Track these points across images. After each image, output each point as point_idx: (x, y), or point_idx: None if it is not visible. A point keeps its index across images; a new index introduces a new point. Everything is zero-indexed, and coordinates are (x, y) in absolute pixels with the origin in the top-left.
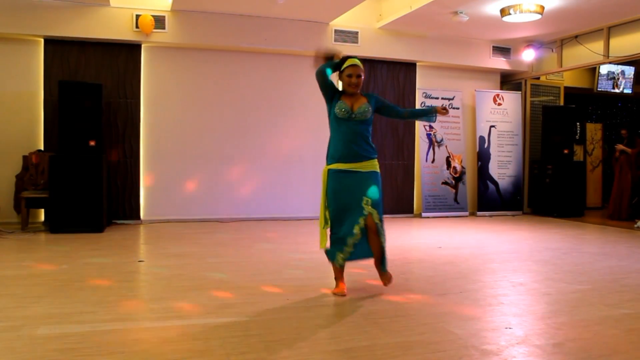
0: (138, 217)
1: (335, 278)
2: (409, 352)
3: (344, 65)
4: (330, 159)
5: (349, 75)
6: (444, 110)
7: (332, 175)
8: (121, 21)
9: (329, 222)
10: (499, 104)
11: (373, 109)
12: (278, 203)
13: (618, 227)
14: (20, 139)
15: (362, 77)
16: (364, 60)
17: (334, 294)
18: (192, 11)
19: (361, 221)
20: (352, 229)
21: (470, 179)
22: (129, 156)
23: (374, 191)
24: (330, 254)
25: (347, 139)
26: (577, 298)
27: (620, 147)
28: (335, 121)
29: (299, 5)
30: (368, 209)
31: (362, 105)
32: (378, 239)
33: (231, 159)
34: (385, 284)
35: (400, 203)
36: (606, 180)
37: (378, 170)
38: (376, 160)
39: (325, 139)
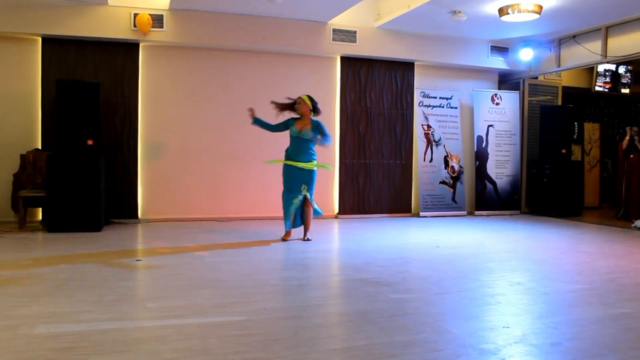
0: (136, 216)
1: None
2: (407, 351)
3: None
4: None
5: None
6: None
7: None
8: (119, 20)
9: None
10: (497, 104)
11: (315, 133)
12: (276, 202)
13: (615, 227)
14: (18, 137)
15: (302, 107)
16: (363, 60)
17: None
18: (190, 10)
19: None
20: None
21: (468, 178)
22: (127, 155)
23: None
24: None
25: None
26: (574, 297)
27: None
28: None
29: (297, 5)
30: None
31: (306, 129)
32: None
33: (229, 158)
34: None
35: (398, 202)
36: (604, 180)
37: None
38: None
39: None
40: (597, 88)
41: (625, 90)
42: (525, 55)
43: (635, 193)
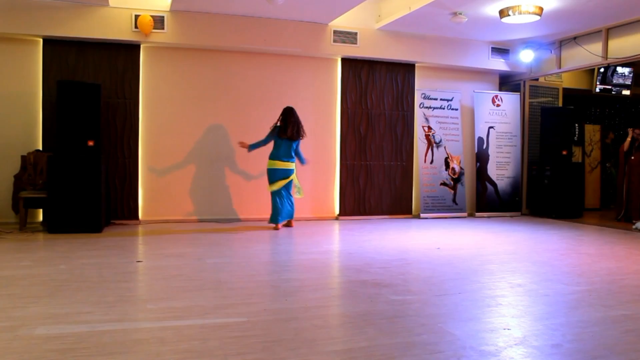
0: (136, 217)
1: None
2: (407, 353)
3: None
4: None
5: None
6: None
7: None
8: (120, 21)
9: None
10: (498, 105)
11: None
12: None
13: (616, 229)
14: (19, 139)
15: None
16: (363, 61)
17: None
18: (191, 11)
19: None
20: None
21: (468, 180)
22: (128, 156)
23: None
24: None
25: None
26: (575, 299)
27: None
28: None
29: (298, 6)
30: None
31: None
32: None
33: (229, 160)
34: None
35: (399, 204)
36: (605, 181)
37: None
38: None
39: (324, 141)
40: (597, 89)
41: (626, 92)
42: (526, 56)
43: (636, 194)
